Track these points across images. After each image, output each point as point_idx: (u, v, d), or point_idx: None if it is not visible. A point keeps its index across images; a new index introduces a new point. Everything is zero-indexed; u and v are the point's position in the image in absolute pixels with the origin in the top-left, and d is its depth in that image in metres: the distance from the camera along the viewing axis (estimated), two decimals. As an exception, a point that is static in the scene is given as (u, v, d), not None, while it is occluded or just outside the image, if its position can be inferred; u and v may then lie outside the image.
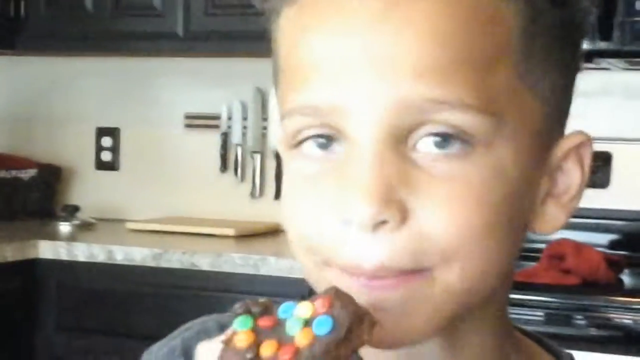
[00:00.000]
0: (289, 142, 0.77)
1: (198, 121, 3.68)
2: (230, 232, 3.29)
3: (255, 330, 0.70)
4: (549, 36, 0.77)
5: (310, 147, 0.76)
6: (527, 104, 0.76)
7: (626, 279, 2.84)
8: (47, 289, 3.13)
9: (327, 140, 0.75)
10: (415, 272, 0.73)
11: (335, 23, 0.74)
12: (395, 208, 0.72)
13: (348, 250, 0.74)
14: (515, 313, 2.31)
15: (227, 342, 0.70)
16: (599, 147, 3.01)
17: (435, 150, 0.73)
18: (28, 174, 3.73)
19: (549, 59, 0.77)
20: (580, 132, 0.80)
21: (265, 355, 0.69)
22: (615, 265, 2.81)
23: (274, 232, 3.41)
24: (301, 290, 2.29)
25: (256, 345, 0.69)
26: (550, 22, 0.77)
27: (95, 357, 3.04)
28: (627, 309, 2.55)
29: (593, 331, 2.55)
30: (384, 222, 0.72)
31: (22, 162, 3.76)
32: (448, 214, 0.72)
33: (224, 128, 3.60)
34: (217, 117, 3.61)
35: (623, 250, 3.03)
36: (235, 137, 3.58)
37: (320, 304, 0.70)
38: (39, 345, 3.13)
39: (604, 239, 3.08)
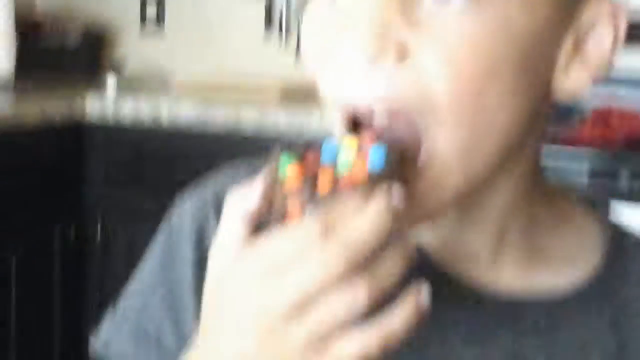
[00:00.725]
0: None
1: (244, -20, 3.67)
2: (276, 89, 3.26)
3: (302, 166, 0.69)
4: None
5: None
6: None
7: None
8: (95, 145, 3.18)
9: None
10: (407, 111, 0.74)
11: None
12: (393, 44, 0.72)
13: (347, 90, 0.75)
14: (562, 168, 2.33)
15: (270, 187, 0.69)
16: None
17: (439, 4, 0.72)
18: (74, 36, 3.73)
19: None
20: None
21: (323, 189, 0.68)
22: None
23: (316, 94, 3.35)
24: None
25: (309, 181, 0.68)
26: None
27: (140, 209, 3.06)
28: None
29: (635, 184, 2.58)
30: (382, 58, 0.72)
31: (67, 24, 3.76)
32: (448, 59, 0.72)
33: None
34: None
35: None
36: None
37: (366, 138, 0.71)
38: (87, 199, 3.19)
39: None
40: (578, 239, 0.88)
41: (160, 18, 3.81)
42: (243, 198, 0.71)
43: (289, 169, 0.69)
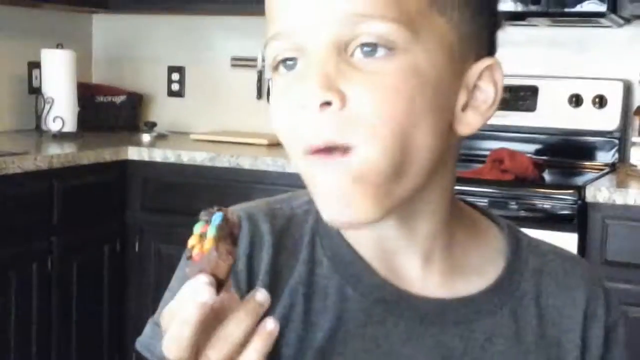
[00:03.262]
0: (271, 66, 0.76)
1: (241, 62, 3.60)
2: (264, 141, 3.24)
3: (201, 234, 0.68)
4: None
5: (282, 68, 0.75)
6: (439, 27, 0.74)
7: (547, 176, 2.85)
8: (134, 181, 3.14)
9: (293, 61, 0.74)
10: (349, 150, 0.71)
11: None
12: (335, 92, 0.70)
13: (305, 130, 0.72)
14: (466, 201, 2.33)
15: (190, 245, 0.69)
16: (528, 82, 3.07)
17: (367, 55, 0.71)
18: (119, 99, 3.70)
19: None
20: (490, 57, 0.77)
21: (192, 255, 0.67)
22: (539, 166, 2.82)
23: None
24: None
25: (193, 247, 0.68)
26: None
27: (168, 229, 3.03)
28: (547, 197, 2.57)
29: (522, 213, 2.58)
30: (328, 103, 0.70)
31: (115, 91, 3.73)
32: (373, 99, 0.71)
33: (259, 67, 3.51)
34: (254, 60, 3.52)
35: (545, 156, 3.04)
36: (268, 74, 3.50)
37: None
38: (129, 221, 3.15)
39: (531, 147, 3.09)
40: (485, 253, 0.85)
41: (181, 87, 3.76)
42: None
43: (194, 233, 0.69)
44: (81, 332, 2.97)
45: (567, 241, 2.46)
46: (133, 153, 3.13)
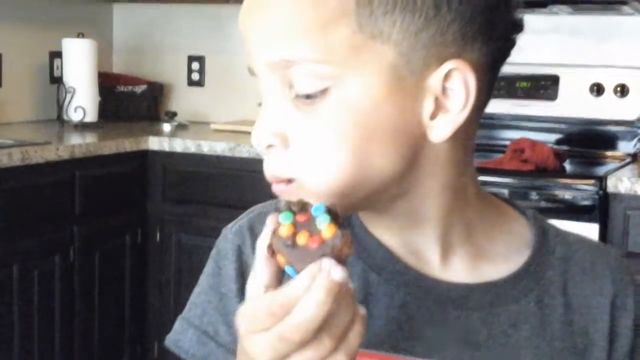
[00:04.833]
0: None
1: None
2: None
3: (294, 223, 0.69)
4: None
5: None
6: (374, 49, 0.74)
7: (568, 166, 2.84)
8: (155, 171, 3.15)
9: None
10: (292, 180, 0.77)
11: (245, 7, 0.78)
12: (279, 138, 0.76)
13: (264, 164, 0.78)
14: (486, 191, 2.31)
15: (275, 231, 0.69)
16: (549, 70, 3.05)
17: (304, 96, 0.75)
18: (140, 89, 3.72)
19: (393, 11, 0.73)
20: (451, 61, 0.75)
21: (300, 243, 0.68)
22: (560, 156, 2.81)
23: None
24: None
25: (294, 235, 0.68)
26: None
27: (188, 219, 3.06)
28: (568, 187, 2.56)
29: (543, 204, 2.56)
30: (272, 146, 0.76)
31: (136, 80, 3.74)
32: (312, 138, 0.75)
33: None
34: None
35: (566, 146, 3.02)
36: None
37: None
38: (150, 211, 3.16)
39: (552, 137, 3.06)
40: (511, 241, 0.86)
41: (201, 77, 3.76)
42: (261, 239, 0.70)
43: (284, 223, 0.69)
44: (103, 321, 3.01)
45: (588, 232, 2.45)
46: (154, 143, 3.14)
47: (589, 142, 3.05)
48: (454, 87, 0.76)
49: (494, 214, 0.87)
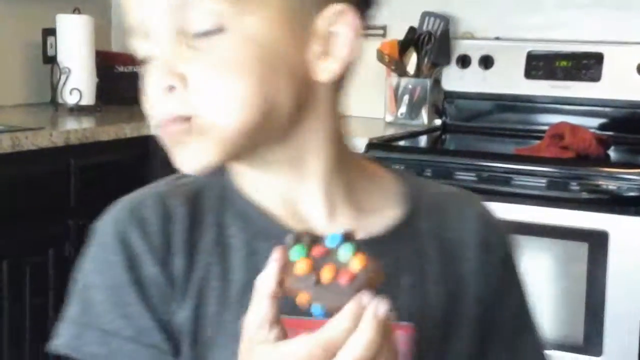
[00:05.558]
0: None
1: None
2: None
3: (310, 257, 0.70)
4: None
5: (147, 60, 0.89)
6: None
7: (612, 154, 2.80)
8: (157, 158, 3.08)
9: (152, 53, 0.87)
10: (190, 119, 0.85)
11: None
12: (177, 77, 0.84)
13: (158, 110, 0.87)
14: (522, 181, 2.32)
15: (287, 272, 0.70)
16: (592, 48, 3.02)
17: (203, 37, 0.84)
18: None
19: None
20: (338, 4, 0.88)
21: (326, 279, 0.69)
22: (603, 142, 2.77)
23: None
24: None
25: (314, 271, 0.69)
26: None
27: None
28: (612, 177, 2.51)
29: (585, 195, 2.52)
30: (173, 88, 0.85)
31: (136, 60, 3.67)
32: (211, 75, 0.84)
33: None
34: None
35: (610, 131, 2.98)
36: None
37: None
38: None
39: (595, 122, 3.02)
40: (385, 197, 0.97)
41: None
42: (265, 280, 0.75)
43: (300, 259, 0.70)
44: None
45: (633, 225, 2.43)
46: (156, 129, 3.10)
47: (635, 127, 3.00)
48: (340, 28, 0.88)
49: (369, 170, 0.98)
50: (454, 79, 3.24)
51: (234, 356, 0.79)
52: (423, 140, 3.15)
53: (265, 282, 0.74)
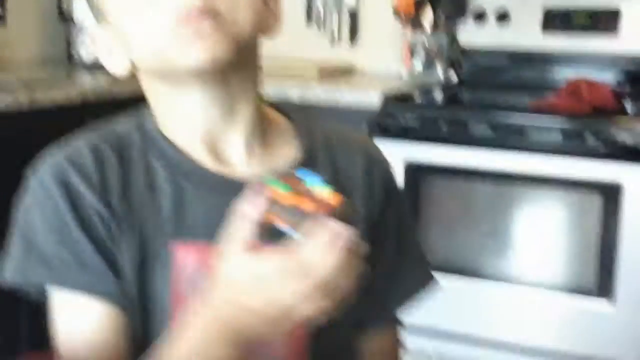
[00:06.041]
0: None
1: (289, -17, 3.61)
2: (314, 71, 3.18)
3: (293, 192, 0.80)
4: None
5: None
6: None
7: (629, 106, 2.76)
8: None
9: None
10: (218, 16, 0.92)
11: None
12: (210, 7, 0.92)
13: (183, 2, 0.91)
14: (537, 133, 2.29)
15: (273, 201, 0.80)
16: (609, 2, 2.98)
17: None
18: None
19: None
20: None
21: (308, 209, 0.78)
22: (620, 97, 2.74)
23: (349, 72, 3.42)
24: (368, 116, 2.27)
25: (296, 202, 0.79)
26: None
27: None
28: (629, 130, 2.49)
29: (601, 148, 2.50)
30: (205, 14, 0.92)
31: None
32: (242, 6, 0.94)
33: (308, -12, 3.49)
34: (303, -20, 3.49)
35: (628, 86, 2.96)
36: (317, -4, 3.50)
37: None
38: None
39: (612, 76, 3.00)
40: (285, 138, 1.07)
41: None
42: (250, 206, 0.84)
43: (285, 192, 0.80)
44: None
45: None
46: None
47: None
48: None
49: (269, 114, 1.07)
50: (470, 34, 3.22)
51: (166, 279, 0.94)
52: (439, 95, 3.14)
53: (252, 209, 0.84)
